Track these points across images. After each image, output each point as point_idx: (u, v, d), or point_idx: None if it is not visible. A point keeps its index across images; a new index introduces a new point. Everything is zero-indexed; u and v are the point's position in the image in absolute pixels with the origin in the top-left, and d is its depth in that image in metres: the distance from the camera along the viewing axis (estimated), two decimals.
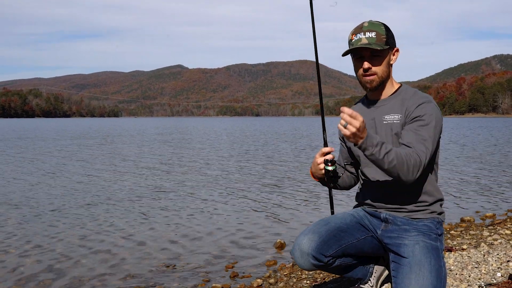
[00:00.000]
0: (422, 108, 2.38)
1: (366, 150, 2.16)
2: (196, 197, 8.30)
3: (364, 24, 2.43)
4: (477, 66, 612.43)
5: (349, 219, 2.62)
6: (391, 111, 2.47)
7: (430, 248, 2.38)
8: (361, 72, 2.46)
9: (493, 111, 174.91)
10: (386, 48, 2.41)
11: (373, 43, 2.37)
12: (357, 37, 2.41)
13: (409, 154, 2.24)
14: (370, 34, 2.39)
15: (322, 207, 7.33)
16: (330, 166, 2.47)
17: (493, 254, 4.05)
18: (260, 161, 14.86)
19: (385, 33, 2.42)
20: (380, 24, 2.44)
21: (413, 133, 2.33)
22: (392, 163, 2.18)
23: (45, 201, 7.87)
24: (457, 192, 8.54)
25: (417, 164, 2.25)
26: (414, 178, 2.27)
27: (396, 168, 2.20)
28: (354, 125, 2.10)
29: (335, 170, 2.48)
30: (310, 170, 2.65)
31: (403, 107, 2.44)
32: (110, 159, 15.39)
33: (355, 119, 2.10)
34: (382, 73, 2.45)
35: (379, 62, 2.43)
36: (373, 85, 2.46)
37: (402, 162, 2.20)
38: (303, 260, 2.49)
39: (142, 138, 30.00)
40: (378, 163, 2.20)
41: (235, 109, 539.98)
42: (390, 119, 2.46)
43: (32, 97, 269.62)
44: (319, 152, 2.51)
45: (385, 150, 2.17)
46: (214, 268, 4.45)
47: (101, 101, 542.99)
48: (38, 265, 4.56)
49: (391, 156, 2.18)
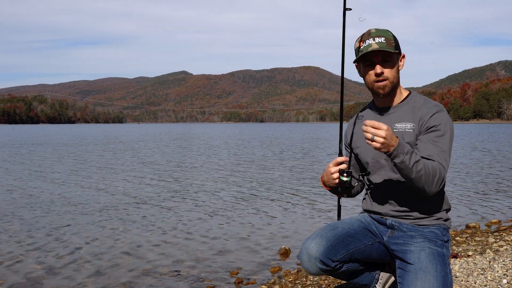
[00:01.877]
0: (437, 118, 2.37)
1: (396, 157, 2.15)
2: (201, 202, 8.30)
3: (371, 31, 2.43)
4: (481, 72, 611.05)
5: (356, 225, 2.62)
6: (403, 119, 2.45)
7: (436, 254, 2.37)
8: (373, 78, 2.44)
9: (498, 117, 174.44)
10: (397, 52, 2.42)
11: (385, 47, 2.37)
12: (366, 43, 2.40)
13: (434, 166, 2.23)
14: (379, 39, 2.38)
15: (327, 213, 7.32)
16: (345, 176, 2.44)
17: (499, 261, 4.03)
18: (266, 166, 14.85)
19: (393, 38, 2.42)
20: (387, 30, 2.45)
21: (432, 144, 2.31)
22: (420, 172, 2.18)
23: (51, 204, 7.89)
24: (462, 198, 8.50)
25: (441, 177, 2.25)
26: (437, 190, 2.28)
27: (422, 179, 2.20)
28: (380, 136, 2.11)
29: (350, 180, 2.46)
30: (320, 179, 2.63)
31: (416, 115, 2.42)
32: (114, 165, 15.42)
33: (380, 129, 2.11)
34: (393, 78, 2.43)
35: (390, 67, 2.42)
36: (386, 91, 2.44)
37: (429, 173, 2.20)
38: (311, 264, 2.48)
39: (149, 144, 30.04)
40: (406, 172, 2.19)
41: (239, 115, 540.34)
42: (401, 127, 2.44)
43: (37, 103, 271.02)
44: (333, 161, 2.49)
45: (415, 159, 2.17)
46: (218, 274, 4.45)
47: (105, 107, 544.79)
48: (37, 267, 4.56)
49: (420, 165, 2.18)
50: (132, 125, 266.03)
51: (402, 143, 2.15)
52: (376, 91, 2.46)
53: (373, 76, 2.44)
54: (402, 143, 2.15)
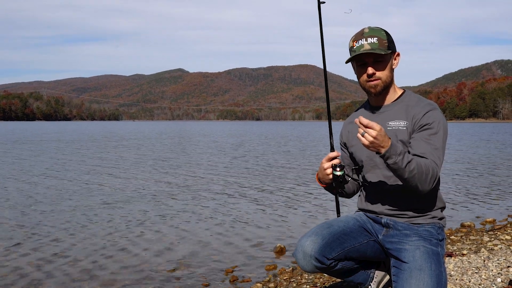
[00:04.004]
0: (430, 116, 2.38)
1: (389, 158, 2.17)
2: (196, 201, 8.29)
3: (364, 30, 2.43)
4: (477, 71, 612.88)
5: (352, 223, 2.62)
6: (396, 117, 2.47)
7: (431, 253, 2.37)
8: (365, 78, 2.46)
9: (494, 116, 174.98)
10: (389, 53, 2.42)
11: (376, 48, 2.37)
12: (359, 44, 2.41)
13: (427, 164, 2.25)
14: (372, 39, 2.39)
15: (323, 211, 7.33)
16: (338, 171, 2.47)
17: (493, 260, 4.04)
18: (261, 164, 14.86)
19: (386, 38, 2.42)
20: (380, 30, 2.45)
21: (425, 142, 2.33)
22: (412, 172, 2.20)
23: (51, 201, 7.87)
24: (457, 197, 8.53)
25: (434, 174, 2.27)
26: (431, 188, 2.29)
27: (415, 178, 2.22)
28: (371, 134, 2.13)
29: (343, 175, 2.48)
30: (316, 176, 2.64)
31: (409, 113, 2.43)
32: (111, 163, 15.39)
33: (371, 128, 2.13)
34: (386, 78, 2.45)
35: (382, 67, 2.43)
36: (378, 90, 2.46)
37: (422, 172, 2.22)
38: (306, 262, 2.48)
39: (145, 142, 30.00)
40: (399, 172, 2.21)
41: (235, 113, 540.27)
42: (395, 125, 2.45)
43: (32, 100, 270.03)
44: (325, 157, 2.53)
45: (407, 159, 2.19)
46: (213, 272, 4.44)
47: (101, 105, 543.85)
48: (37, 268, 4.55)
49: (413, 165, 2.19)
50: (127, 122, 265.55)
51: (394, 145, 2.17)
52: (368, 90, 2.48)
53: (365, 77, 2.46)
54: (394, 145, 2.17)
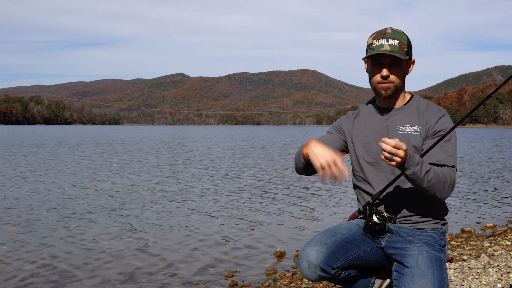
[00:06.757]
0: (443, 122, 2.37)
1: (407, 169, 2.13)
2: (195, 205, 8.29)
3: (387, 30, 2.38)
4: (478, 77, 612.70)
5: (355, 230, 2.57)
6: (408, 121, 2.43)
7: (434, 259, 2.36)
8: (378, 79, 2.40)
9: (494, 122, 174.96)
10: (407, 58, 2.38)
11: (396, 51, 2.32)
12: (379, 43, 2.35)
13: (444, 172, 2.23)
14: (393, 41, 2.34)
15: (322, 216, 7.32)
16: (378, 219, 2.39)
17: (493, 265, 4.03)
18: (261, 169, 14.85)
19: (406, 42, 2.38)
20: (403, 33, 2.40)
21: (441, 149, 2.31)
22: (431, 181, 2.17)
23: (51, 205, 7.86)
24: (457, 203, 8.52)
25: (452, 182, 2.25)
26: (448, 196, 2.27)
27: (434, 187, 2.19)
28: (399, 156, 2.07)
29: (381, 223, 2.40)
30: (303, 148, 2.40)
31: (421, 119, 2.41)
32: (109, 167, 15.39)
33: (399, 149, 2.07)
34: (398, 82, 2.40)
35: (397, 71, 2.38)
36: (388, 93, 2.41)
37: (440, 180, 2.20)
38: (310, 272, 2.43)
39: (143, 146, 30.01)
40: (418, 182, 2.18)
41: (236, 117, 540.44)
42: (407, 129, 2.41)
43: (33, 104, 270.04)
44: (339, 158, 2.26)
45: (426, 169, 2.16)
46: (213, 277, 4.44)
47: (102, 109, 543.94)
48: (37, 270, 4.55)
49: (431, 174, 2.17)
50: (127, 127, 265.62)
51: (412, 155, 2.13)
52: (379, 91, 2.43)
53: (378, 77, 2.41)
54: (412, 155, 2.13)
